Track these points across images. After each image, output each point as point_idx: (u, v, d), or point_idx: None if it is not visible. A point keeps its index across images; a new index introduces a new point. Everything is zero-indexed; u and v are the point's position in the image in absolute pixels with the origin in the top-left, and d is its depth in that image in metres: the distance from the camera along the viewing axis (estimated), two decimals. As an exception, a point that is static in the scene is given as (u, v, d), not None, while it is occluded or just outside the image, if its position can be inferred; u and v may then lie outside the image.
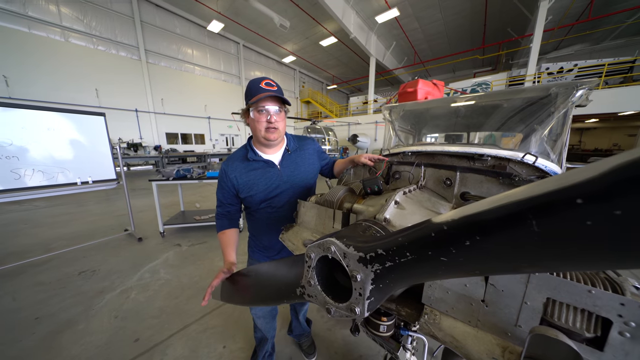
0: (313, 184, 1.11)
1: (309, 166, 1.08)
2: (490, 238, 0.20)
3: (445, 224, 0.23)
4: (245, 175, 0.98)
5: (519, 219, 0.18)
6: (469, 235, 0.21)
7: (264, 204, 1.00)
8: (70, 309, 1.93)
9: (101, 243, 3.18)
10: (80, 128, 2.99)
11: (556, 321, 0.35)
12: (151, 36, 11.32)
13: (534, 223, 0.17)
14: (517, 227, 0.18)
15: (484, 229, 0.20)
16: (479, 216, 0.21)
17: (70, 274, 2.46)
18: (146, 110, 11.52)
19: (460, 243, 0.22)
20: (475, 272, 0.25)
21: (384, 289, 0.33)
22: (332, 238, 0.37)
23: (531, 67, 8.81)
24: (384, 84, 20.75)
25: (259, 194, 0.98)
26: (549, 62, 10.89)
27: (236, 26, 13.02)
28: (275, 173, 1.00)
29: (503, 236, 0.19)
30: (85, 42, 9.55)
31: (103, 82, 10.03)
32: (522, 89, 1.44)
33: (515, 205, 0.18)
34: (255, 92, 0.87)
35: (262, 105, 0.88)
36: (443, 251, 0.24)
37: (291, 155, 1.05)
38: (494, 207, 0.20)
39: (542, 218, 0.17)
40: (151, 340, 1.64)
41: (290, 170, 1.02)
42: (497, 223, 0.19)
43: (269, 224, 1.04)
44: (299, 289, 0.43)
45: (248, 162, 0.99)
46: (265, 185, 0.98)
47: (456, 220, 0.22)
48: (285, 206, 1.01)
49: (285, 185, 1.00)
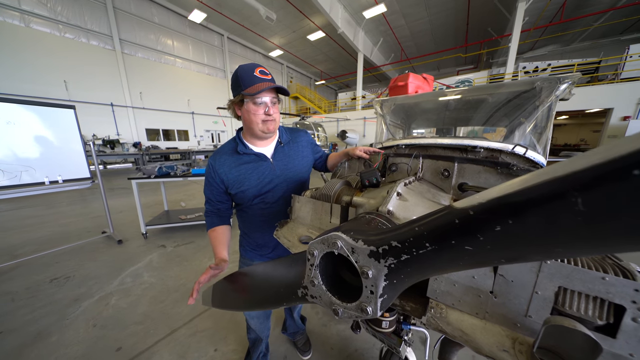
0: (307, 178, 1.06)
1: (302, 159, 1.04)
2: (526, 221, 0.18)
3: (471, 208, 0.21)
4: (235, 170, 0.92)
5: (562, 198, 0.16)
6: (500, 219, 0.19)
7: (256, 199, 0.95)
8: (41, 319, 1.77)
9: (76, 247, 2.95)
10: (48, 122, 2.71)
11: (567, 310, 0.34)
12: (126, 24, 10.53)
13: (579, 201, 0.15)
14: (558, 208, 0.16)
15: (518, 212, 0.18)
16: (512, 197, 0.19)
17: (41, 282, 2.25)
18: (123, 104, 10.78)
19: (489, 229, 0.20)
20: (501, 260, 0.23)
21: (397, 285, 0.30)
22: (338, 232, 0.33)
23: (510, 65, 9.23)
24: (371, 80, 20.91)
25: (251, 190, 0.92)
26: (525, 61, 11.49)
27: (220, 17, 12.45)
28: (267, 167, 0.94)
29: (540, 219, 0.17)
30: (49, 29, 8.69)
31: (73, 73, 9.22)
32: (508, 82, 1.48)
33: (557, 182, 0.16)
34: (250, 81, 0.80)
35: (260, 96, 0.82)
36: (469, 239, 0.22)
37: (284, 148, 1.00)
38: (531, 186, 0.18)
39: (589, 195, 0.15)
40: (135, 348, 1.54)
41: (284, 164, 0.97)
42: (534, 204, 0.18)
43: (262, 221, 0.98)
44: (300, 290, 0.39)
45: (238, 155, 0.93)
46: (258, 180, 0.93)
47: (484, 204, 0.20)
48: (279, 201, 0.96)
49: (278, 180, 0.95)
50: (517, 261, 0.23)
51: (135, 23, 10.81)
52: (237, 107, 0.88)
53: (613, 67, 8.63)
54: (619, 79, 7.71)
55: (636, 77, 7.21)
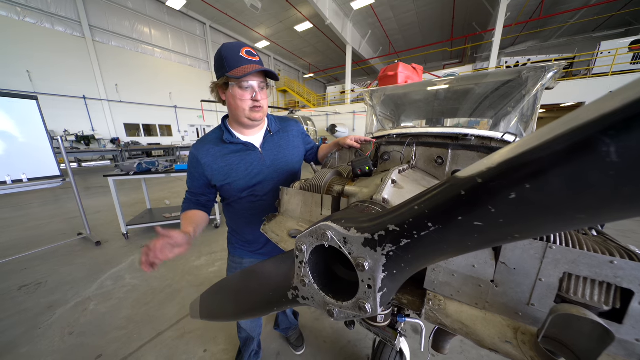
0: (298, 170, 1.00)
1: (293, 149, 0.98)
2: (546, 183, 0.15)
3: (479, 175, 0.18)
4: (220, 160, 0.84)
5: (590, 149, 0.13)
6: (515, 184, 0.16)
7: (245, 192, 0.88)
8: (8, 330, 1.62)
9: (48, 251, 2.73)
10: (7, 115, 2.44)
11: (572, 297, 0.33)
12: (96, 10, 9.67)
13: (612, 151, 0.12)
14: (586, 161, 0.13)
15: (537, 172, 0.15)
16: (528, 156, 0.15)
17: (7, 290, 2.07)
18: (97, 97, 10.02)
19: (502, 197, 0.17)
20: (516, 236, 0.19)
21: (397, 275, 0.26)
22: (328, 222, 0.29)
23: (493, 60, 9.50)
24: (360, 74, 20.83)
25: (238, 182, 0.86)
26: (507, 56, 11.86)
27: (201, 4, 11.75)
28: (256, 157, 0.88)
29: (564, 178, 0.14)
30: (5, 12, 7.80)
31: (37, 63, 8.37)
32: (495, 72, 1.48)
33: (583, 130, 0.13)
34: (236, 62, 0.72)
35: (248, 80, 0.74)
36: (478, 213, 0.19)
37: (273, 137, 0.93)
38: (549, 140, 0.15)
39: (623, 142, 0.12)
40: (117, 354, 1.45)
41: (274, 154, 0.91)
42: (556, 159, 0.14)
43: (252, 215, 0.92)
44: (291, 292, 0.35)
45: (224, 144, 0.85)
46: (246, 172, 0.86)
47: (494, 169, 0.17)
48: (269, 194, 0.91)
49: (268, 171, 0.89)
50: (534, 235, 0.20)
51: (106, 8, 9.95)
52: (221, 91, 0.80)
53: (586, 62, 9.13)
54: (590, 74, 8.17)
55: (606, 73, 7.66)
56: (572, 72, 9.62)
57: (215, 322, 0.60)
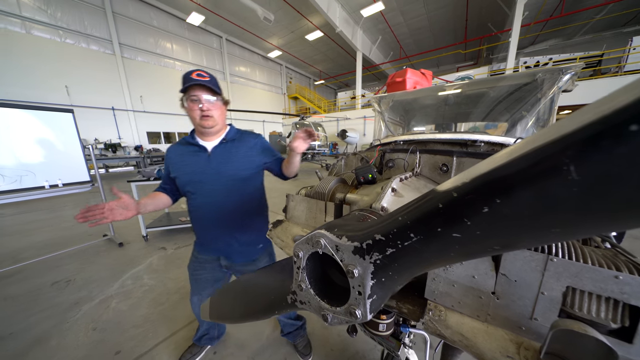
0: (246, 177, 1.08)
1: (244, 158, 1.07)
2: (515, 198, 0.16)
3: (454, 190, 0.19)
4: (178, 156, 1.05)
5: (551, 168, 0.14)
6: (486, 199, 0.17)
7: (187, 187, 1.03)
8: (41, 323, 1.76)
9: (78, 250, 2.95)
10: (47, 127, 2.72)
11: (577, 312, 0.31)
12: (125, 28, 10.58)
13: (571, 169, 0.13)
14: (548, 179, 0.14)
15: (505, 188, 0.16)
16: (497, 172, 0.16)
17: (42, 286, 2.25)
18: (124, 108, 10.84)
19: (476, 211, 0.18)
20: (496, 248, 0.20)
21: (387, 283, 0.27)
22: (321, 230, 0.31)
23: (510, 61, 9.13)
24: (371, 79, 20.83)
25: (184, 176, 1.02)
26: (526, 56, 11.35)
27: (218, 19, 12.47)
28: (204, 157, 1.02)
29: (530, 194, 0.15)
30: (50, 35, 8.75)
31: (74, 78, 9.27)
32: (508, 75, 1.44)
33: (543, 150, 0.14)
34: (186, 82, 0.91)
35: (194, 94, 0.92)
36: (455, 225, 0.19)
37: (226, 144, 1.06)
38: (514, 159, 0.15)
39: (582, 160, 0.13)
40: (134, 351, 1.52)
41: (221, 159, 1.03)
42: (522, 177, 0.15)
43: (192, 211, 1.07)
44: (289, 297, 0.36)
45: (187, 145, 1.06)
46: (191, 168, 1.02)
47: (468, 184, 0.18)
48: (210, 195, 1.02)
49: (211, 172, 1.01)
50: (514, 248, 0.20)
51: (134, 27, 10.86)
52: (184, 107, 1.00)
53: (616, 59, 8.50)
54: (622, 71, 7.59)
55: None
56: (602, 70, 8.98)
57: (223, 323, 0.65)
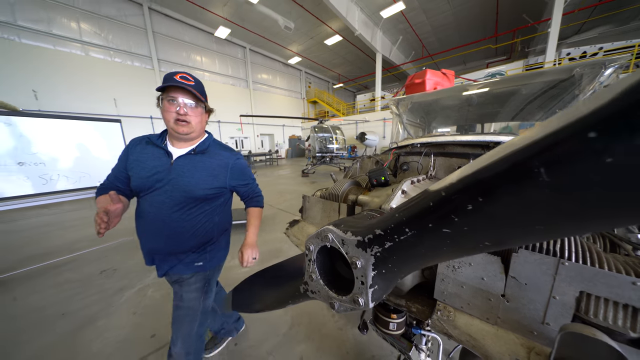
0: (202, 197, 0.96)
1: (207, 176, 0.96)
2: (494, 198, 0.18)
3: (443, 189, 0.21)
4: (140, 154, 0.95)
5: (524, 170, 0.15)
6: (470, 198, 0.19)
7: (142, 193, 0.93)
8: (92, 306, 2.03)
9: (122, 243, 3.33)
10: (100, 135, 3.15)
11: (592, 318, 0.30)
12: (162, 45, 11.80)
13: (542, 171, 0.15)
14: (522, 180, 0.16)
15: (485, 188, 0.18)
16: (478, 174, 0.18)
17: (93, 273, 2.59)
18: (159, 117, 12.00)
19: (461, 209, 0.20)
20: (485, 244, 0.22)
21: (387, 275, 0.30)
22: (329, 226, 0.34)
23: (550, 53, 8.31)
24: (391, 80, 20.37)
25: (140, 179, 0.92)
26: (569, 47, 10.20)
27: (242, 31, 13.28)
28: (166, 164, 0.92)
29: (508, 193, 0.17)
30: (103, 55, 10.12)
31: (120, 92, 10.59)
32: (541, 71, 1.34)
33: (516, 154, 0.16)
34: (166, 82, 0.85)
35: (172, 95, 0.86)
36: (444, 221, 0.21)
37: (194, 157, 0.96)
38: (492, 162, 0.17)
39: (549, 164, 0.14)
40: (166, 337, 1.68)
41: (183, 170, 0.93)
42: (499, 178, 0.17)
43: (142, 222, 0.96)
44: (302, 287, 0.40)
45: (153, 145, 0.95)
46: (150, 171, 0.91)
47: (455, 184, 0.20)
48: (162, 205, 0.91)
49: (167, 179, 0.91)
50: (505, 244, 0.22)
51: (169, 43, 12.05)
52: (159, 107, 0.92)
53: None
54: (695, 58, 6.46)
55: None
56: (666, 58, 7.72)
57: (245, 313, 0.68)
